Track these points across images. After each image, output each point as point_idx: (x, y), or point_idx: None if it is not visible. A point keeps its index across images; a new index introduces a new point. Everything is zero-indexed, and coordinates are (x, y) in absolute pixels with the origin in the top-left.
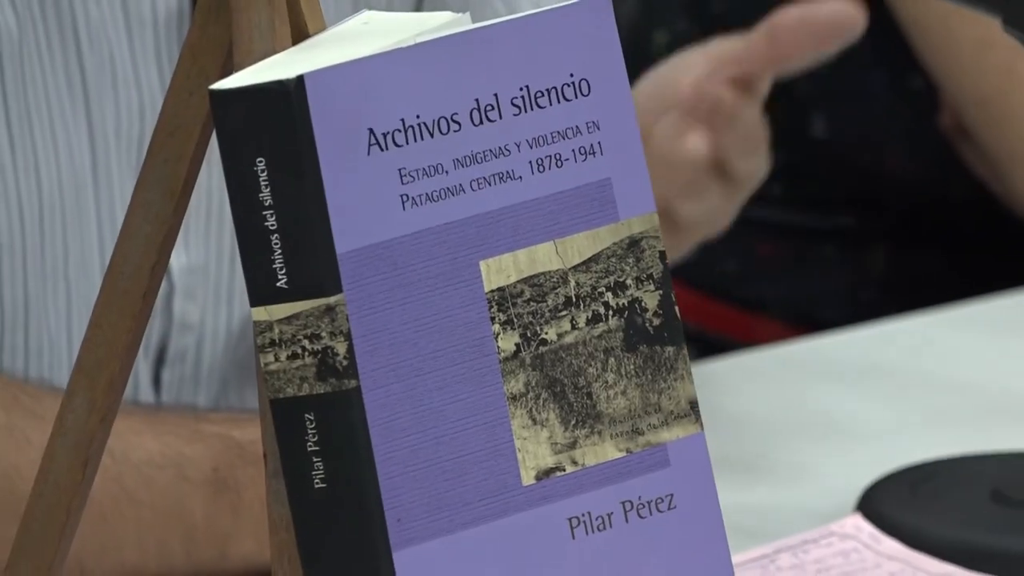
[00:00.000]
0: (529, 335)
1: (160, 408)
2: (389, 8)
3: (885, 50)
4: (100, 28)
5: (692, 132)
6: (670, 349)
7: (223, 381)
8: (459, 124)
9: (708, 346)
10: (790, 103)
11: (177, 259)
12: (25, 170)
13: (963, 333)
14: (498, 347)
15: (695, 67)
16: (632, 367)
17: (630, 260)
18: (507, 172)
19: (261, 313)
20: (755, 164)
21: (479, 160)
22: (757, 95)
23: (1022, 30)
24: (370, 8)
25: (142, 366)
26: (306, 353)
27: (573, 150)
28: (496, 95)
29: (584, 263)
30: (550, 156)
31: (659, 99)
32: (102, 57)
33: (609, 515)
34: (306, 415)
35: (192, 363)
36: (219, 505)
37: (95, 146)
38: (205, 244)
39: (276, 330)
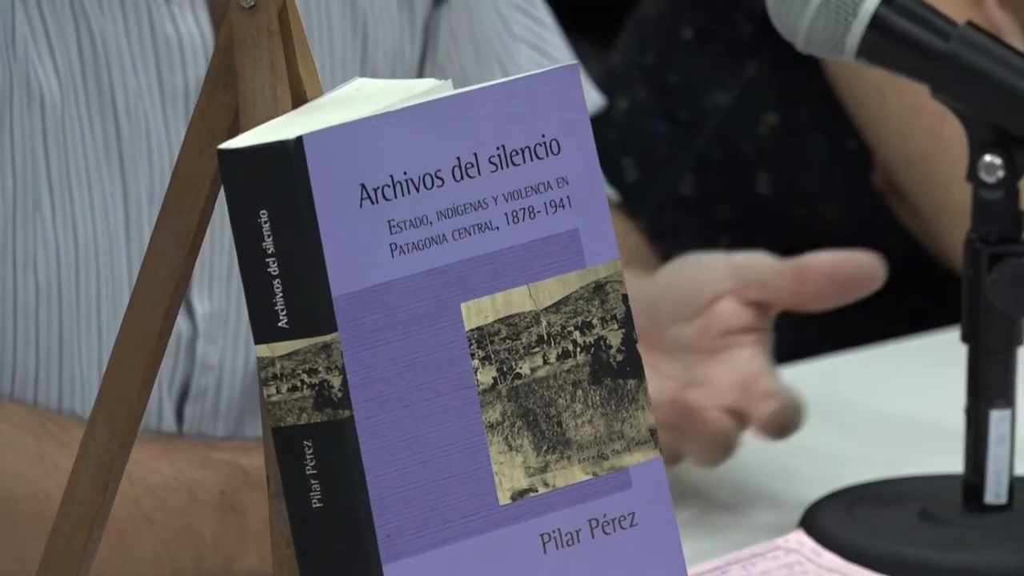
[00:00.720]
0: (505, 369)
1: (175, 437)
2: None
3: (824, 116)
4: (137, 98)
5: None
6: (632, 382)
7: (240, 415)
8: (442, 180)
9: None
10: (738, 162)
11: (201, 306)
12: (64, 224)
13: (895, 368)
14: (477, 380)
15: (721, 280)
16: (598, 398)
17: (596, 302)
18: (485, 223)
19: (264, 350)
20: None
21: (460, 212)
22: (767, 321)
23: (949, 95)
24: (376, 73)
25: (166, 402)
26: (305, 386)
27: (544, 203)
28: (475, 154)
29: (554, 305)
30: (524, 209)
31: (685, 306)
32: (138, 124)
33: (577, 532)
34: (305, 442)
35: (212, 400)
36: (226, 525)
37: (128, 204)
38: (226, 293)
39: (278, 365)
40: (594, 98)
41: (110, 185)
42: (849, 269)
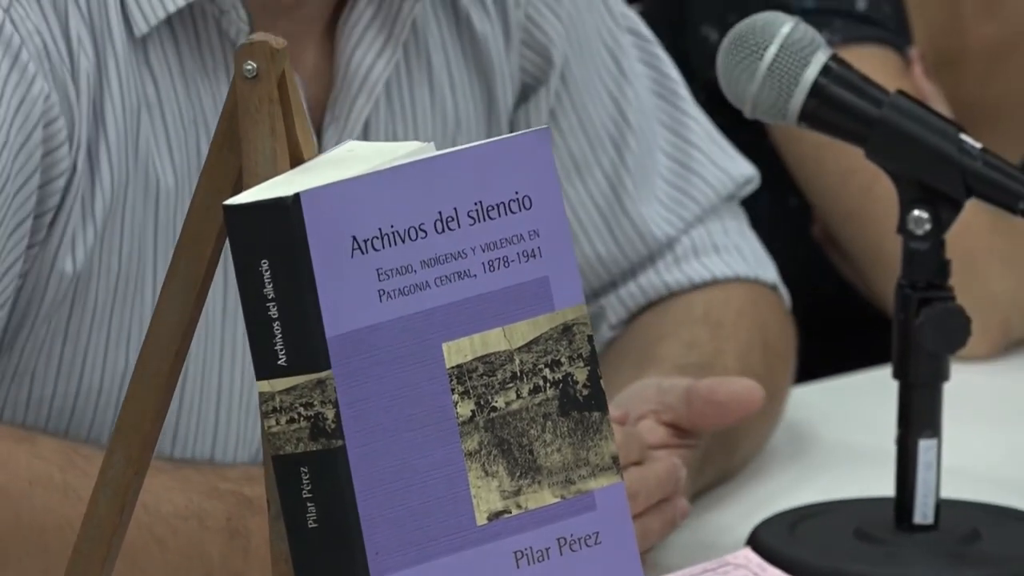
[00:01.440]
0: (482, 403)
1: (185, 465)
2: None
3: (769, 176)
4: None
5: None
6: (596, 414)
7: None
8: (425, 232)
9: None
10: None
11: None
12: None
13: (835, 401)
14: (457, 413)
15: (646, 401)
16: (566, 429)
17: (564, 342)
18: (464, 271)
19: (265, 386)
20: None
21: (442, 262)
22: (690, 443)
23: (882, 157)
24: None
25: None
26: (301, 418)
27: (518, 253)
28: (455, 209)
29: (527, 345)
30: (499, 258)
31: (631, 404)
32: None
33: (547, 549)
34: (301, 468)
35: None
36: (233, 548)
37: (227, 288)
38: None
39: (277, 399)
40: (746, 170)
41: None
42: (725, 393)
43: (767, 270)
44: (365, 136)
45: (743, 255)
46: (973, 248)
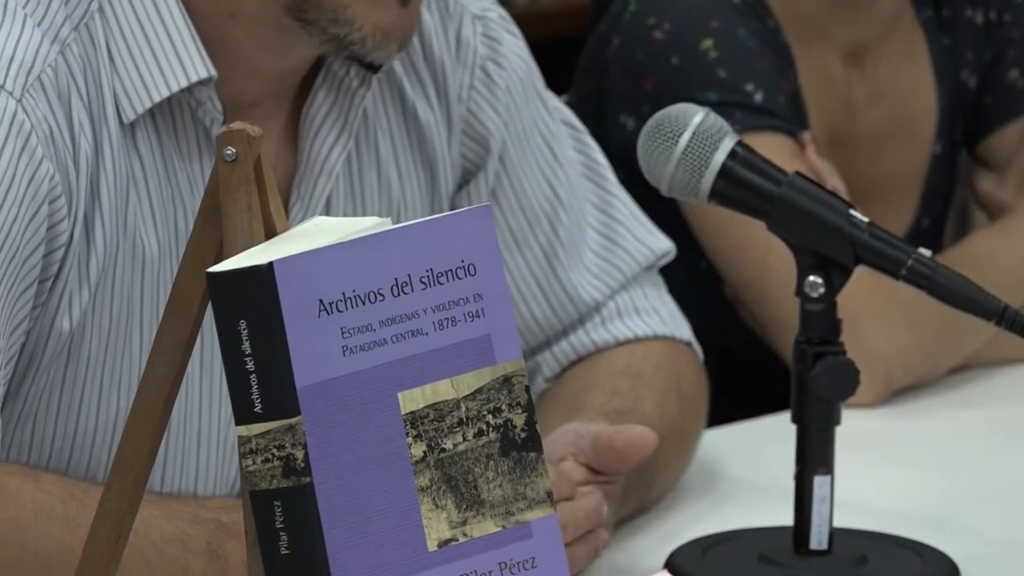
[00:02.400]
0: (433, 445)
1: (170, 498)
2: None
3: (682, 243)
4: None
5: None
6: (533, 454)
7: None
8: (383, 296)
9: None
10: None
11: None
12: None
13: (741, 442)
14: (411, 454)
15: (566, 445)
16: (506, 467)
17: (504, 392)
18: (417, 330)
19: (243, 430)
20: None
21: (397, 322)
22: (610, 479)
23: (781, 229)
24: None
25: None
26: (275, 458)
27: (464, 314)
28: (409, 275)
29: (472, 394)
30: (448, 318)
31: (553, 447)
32: None
33: (490, 572)
34: (275, 502)
35: None
36: (212, 568)
37: (203, 341)
38: None
39: (254, 442)
40: (665, 244)
41: None
42: (622, 441)
43: (682, 329)
44: (326, 212)
45: (661, 316)
46: (856, 308)
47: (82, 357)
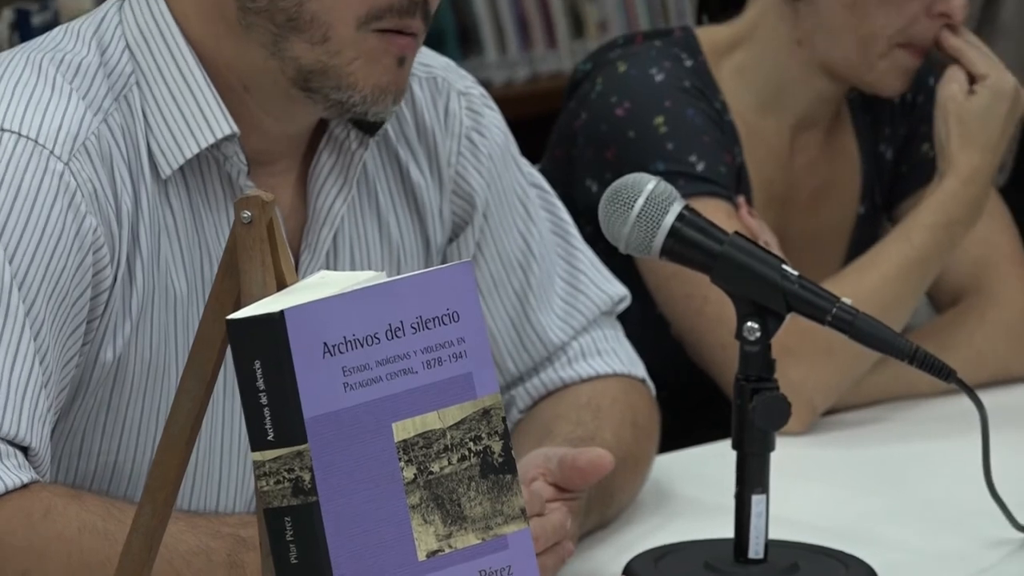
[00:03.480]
0: (422, 468)
1: (196, 515)
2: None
3: (637, 292)
4: None
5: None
6: (508, 476)
7: None
8: (379, 339)
9: None
10: None
11: None
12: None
13: (688, 465)
14: (403, 476)
15: (535, 467)
16: (485, 488)
17: (484, 422)
18: (408, 368)
19: (258, 456)
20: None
21: (391, 362)
22: (574, 496)
23: (723, 281)
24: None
25: None
26: (285, 480)
27: (448, 355)
28: (402, 321)
29: (455, 424)
30: (434, 359)
31: (525, 469)
32: None
33: None
34: (285, 518)
35: None
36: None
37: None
38: None
39: (267, 466)
40: (622, 291)
41: None
42: (583, 461)
43: (637, 368)
44: (333, 257)
45: (619, 357)
46: (791, 349)
47: (125, 383)
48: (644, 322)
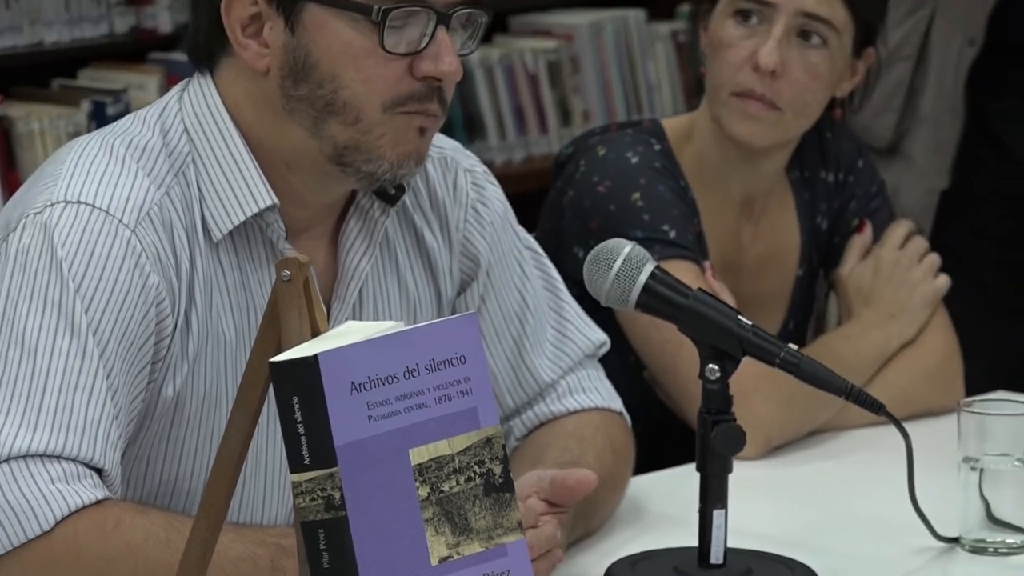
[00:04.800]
0: (434, 488)
1: (242, 526)
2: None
3: (616, 340)
4: None
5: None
6: (507, 495)
7: None
8: (398, 379)
9: None
10: None
11: None
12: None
13: (659, 486)
14: (418, 494)
15: (529, 486)
16: (488, 504)
17: (487, 449)
18: (423, 403)
19: (296, 477)
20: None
21: (408, 398)
22: (563, 510)
23: (689, 330)
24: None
25: None
26: (319, 498)
27: (456, 392)
28: (417, 364)
29: (463, 450)
30: (445, 395)
31: (521, 488)
32: None
33: None
34: (319, 530)
35: None
36: None
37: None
38: None
39: (303, 485)
40: (602, 337)
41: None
42: (572, 480)
43: (615, 402)
44: (359, 308)
45: (600, 393)
46: (746, 387)
47: (183, 415)
48: (623, 368)
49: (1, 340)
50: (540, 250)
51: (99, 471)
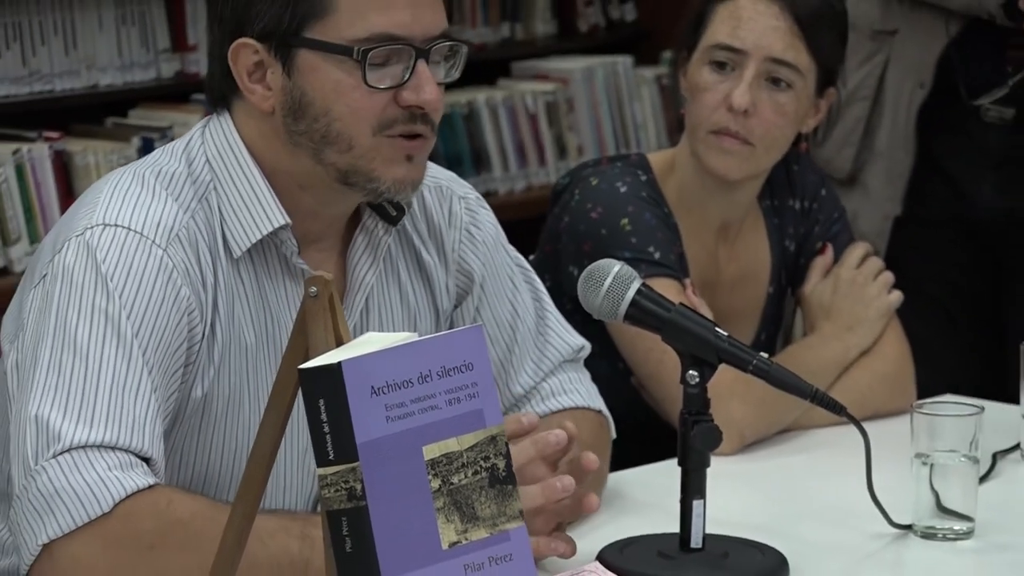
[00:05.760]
0: (445, 480)
1: (274, 509)
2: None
3: (606, 350)
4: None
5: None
6: (510, 486)
7: None
8: (412, 383)
9: None
10: None
11: None
12: (252, 411)
13: (645, 479)
14: (431, 486)
15: (528, 448)
16: (492, 495)
17: (491, 445)
18: (434, 405)
19: (322, 471)
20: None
21: (422, 400)
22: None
23: (671, 340)
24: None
25: None
26: (342, 489)
27: (464, 395)
28: (430, 370)
29: (470, 447)
30: (454, 398)
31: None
32: None
33: (483, 563)
34: (343, 517)
35: None
36: (305, 547)
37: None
38: None
39: (328, 478)
40: (582, 341)
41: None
42: (585, 460)
43: (595, 401)
44: (365, 317)
45: (580, 393)
46: (723, 391)
47: (210, 413)
48: (612, 374)
49: (55, 347)
50: (527, 265)
51: (147, 460)
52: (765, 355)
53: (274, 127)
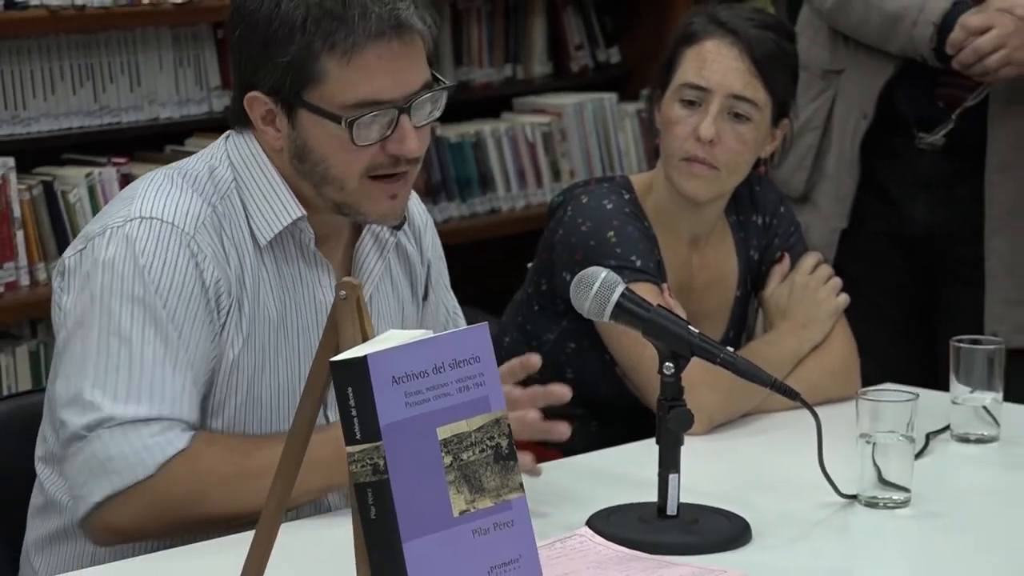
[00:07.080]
0: (456, 457)
1: (324, 425)
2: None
3: (596, 344)
4: (311, 323)
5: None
6: (512, 462)
7: None
8: (428, 373)
9: None
10: (552, 365)
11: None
12: (275, 373)
13: (629, 455)
14: (444, 462)
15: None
16: (497, 469)
17: (496, 427)
18: (447, 392)
19: (349, 449)
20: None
21: (435, 388)
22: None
23: (651, 336)
24: (406, 327)
25: None
26: (368, 464)
27: (473, 383)
28: (443, 361)
29: (478, 428)
30: (464, 386)
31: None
32: (306, 332)
33: (488, 528)
34: (368, 489)
35: None
36: (333, 456)
37: (302, 365)
38: None
39: (355, 455)
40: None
41: (298, 356)
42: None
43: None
44: (368, 303)
45: None
46: (695, 380)
47: (240, 376)
48: (601, 365)
49: (100, 332)
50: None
51: (186, 423)
52: (731, 349)
53: (284, 160)
